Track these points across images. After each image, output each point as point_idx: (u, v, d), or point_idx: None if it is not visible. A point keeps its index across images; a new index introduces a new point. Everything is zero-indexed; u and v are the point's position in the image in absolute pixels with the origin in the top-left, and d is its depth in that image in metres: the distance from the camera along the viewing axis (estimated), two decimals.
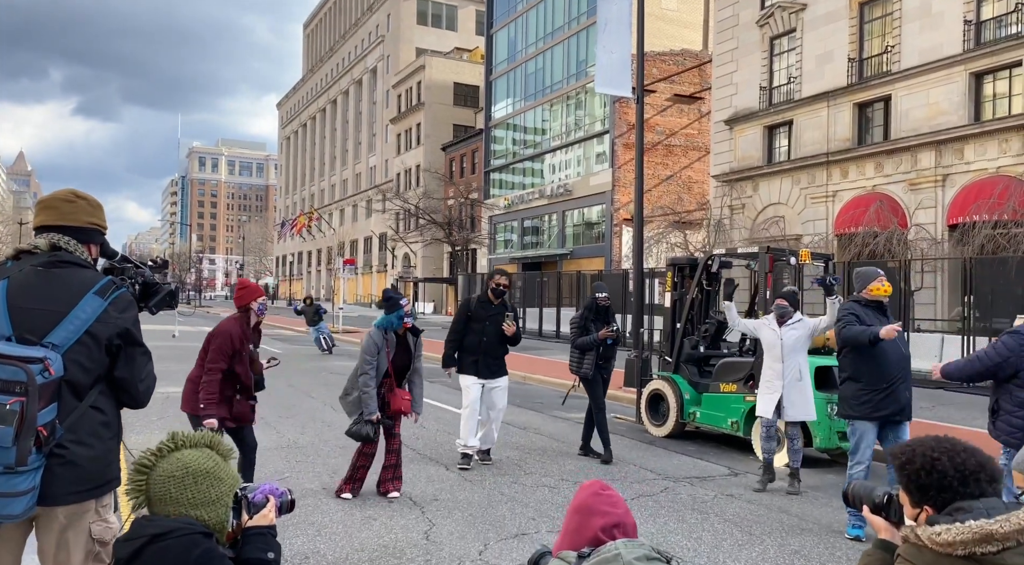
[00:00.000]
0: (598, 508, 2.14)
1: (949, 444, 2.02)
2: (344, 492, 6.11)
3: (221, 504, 2.07)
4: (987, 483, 1.96)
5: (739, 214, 27.21)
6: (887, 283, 5.56)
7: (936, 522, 1.91)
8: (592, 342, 7.83)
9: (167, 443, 2.10)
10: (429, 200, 45.69)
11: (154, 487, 2.01)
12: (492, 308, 7.35)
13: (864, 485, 2.22)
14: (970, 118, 20.44)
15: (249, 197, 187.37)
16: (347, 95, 76.82)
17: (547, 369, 16.26)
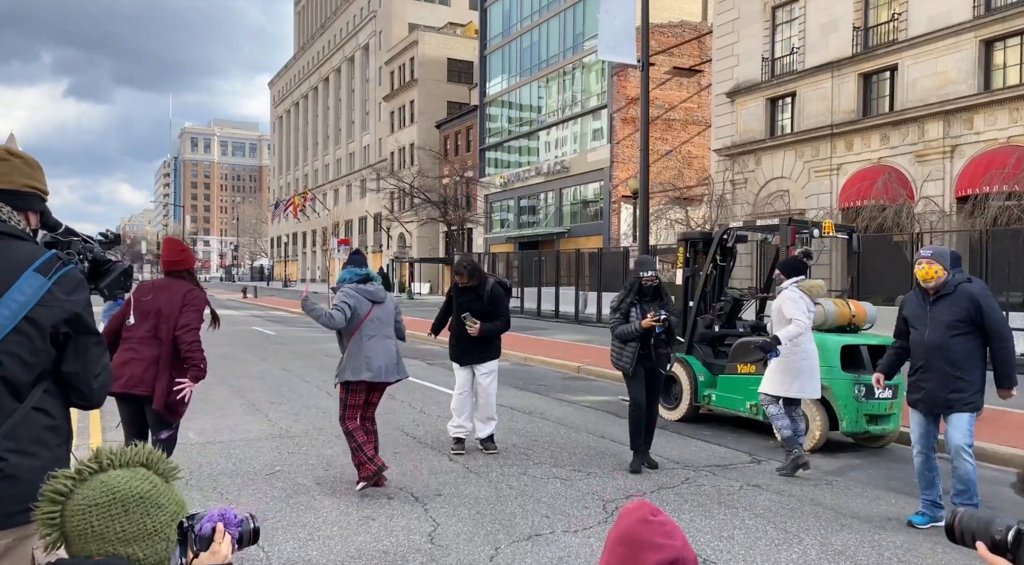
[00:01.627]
0: (650, 540, 1.63)
1: None
2: (360, 482, 5.72)
3: (160, 537, 1.58)
4: None
5: (741, 189, 26.65)
6: (923, 267, 4.99)
7: None
8: (634, 333, 6.38)
9: (89, 464, 1.59)
10: (424, 179, 44.99)
11: (72, 520, 1.53)
12: (467, 293, 6.93)
13: (977, 517, 1.69)
14: (980, 87, 19.86)
15: (242, 178, 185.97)
16: (339, 73, 75.65)
17: (548, 350, 15.80)
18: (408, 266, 52.76)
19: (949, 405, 4.95)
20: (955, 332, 4.89)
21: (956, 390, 4.90)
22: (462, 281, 6.90)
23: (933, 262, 4.96)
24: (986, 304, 4.87)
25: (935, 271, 4.95)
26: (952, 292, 4.94)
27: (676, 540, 1.61)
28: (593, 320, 24.59)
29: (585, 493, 5.73)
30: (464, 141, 50.90)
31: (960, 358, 4.89)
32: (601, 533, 4.83)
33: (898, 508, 5.52)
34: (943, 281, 4.97)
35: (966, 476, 4.91)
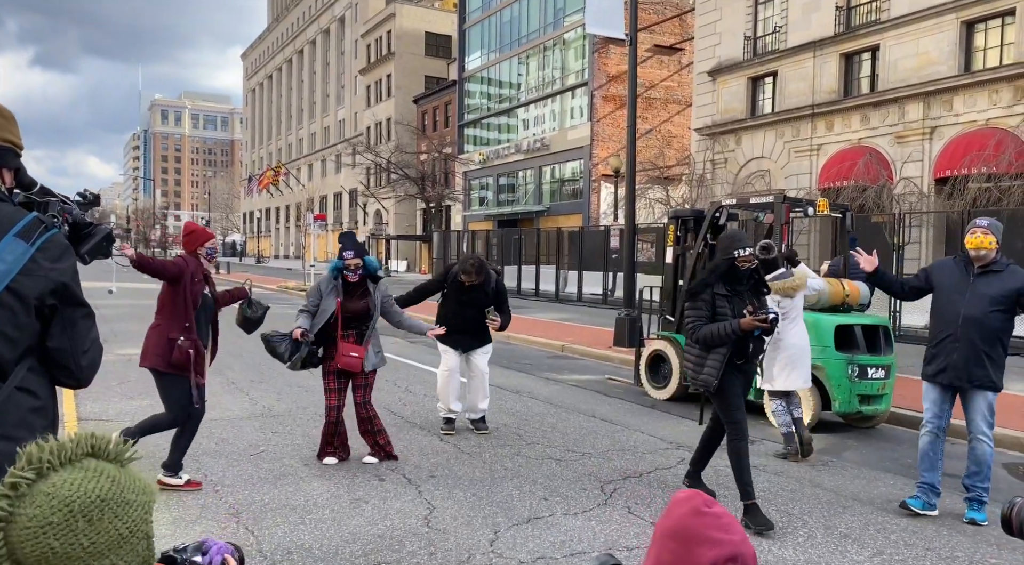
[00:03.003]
0: (706, 534, 1.47)
1: None
2: (324, 456, 5.78)
3: (138, 538, 1.24)
4: None
5: (721, 168, 26.63)
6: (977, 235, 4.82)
7: None
8: (729, 335, 4.61)
9: (23, 473, 1.19)
10: (401, 154, 44.35)
11: (24, 547, 1.16)
12: (470, 292, 6.70)
13: (1016, 502, 1.58)
14: (960, 69, 19.93)
15: (214, 152, 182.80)
16: (314, 45, 74.22)
17: (531, 328, 15.69)
18: (385, 243, 52.25)
19: (972, 379, 4.80)
20: (996, 307, 4.75)
21: (982, 366, 4.78)
22: (470, 280, 6.62)
23: (989, 232, 4.78)
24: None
25: (990, 242, 4.77)
26: (1003, 270, 4.79)
27: (734, 534, 1.46)
28: (574, 299, 24.52)
29: (581, 474, 5.62)
30: (442, 117, 50.27)
31: (994, 335, 4.76)
32: (601, 515, 4.73)
33: (896, 489, 5.49)
34: (994, 256, 4.82)
35: (982, 458, 4.83)
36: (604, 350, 12.50)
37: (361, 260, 5.65)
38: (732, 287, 4.81)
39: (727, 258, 4.80)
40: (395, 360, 11.19)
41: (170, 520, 4.51)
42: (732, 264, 4.80)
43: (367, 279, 5.73)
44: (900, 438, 7.20)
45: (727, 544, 1.43)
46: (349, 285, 5.71)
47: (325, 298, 5.71)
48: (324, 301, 5.71)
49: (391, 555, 4.04)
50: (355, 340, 5.72)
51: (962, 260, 4.94)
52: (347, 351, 5.66)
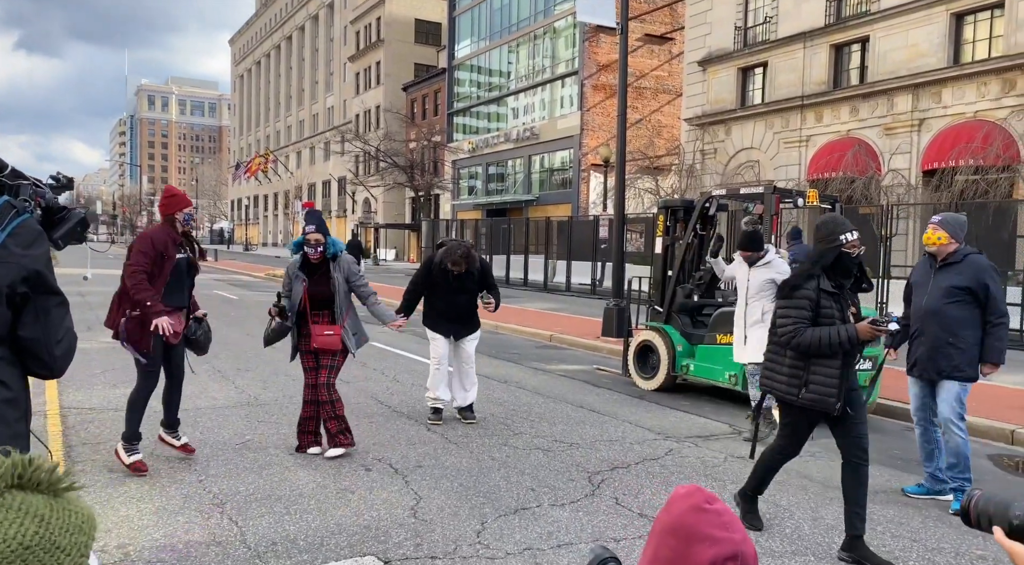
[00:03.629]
0: (705, 532, 1.43)
1: None
2: (301, 448, 5.75)
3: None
4: None
5: (711, 159, 26.62)
6: (928, 231, 4.94)
7: None
8: (844, 342, 3.92)
9: None
10: (390, 142, 44.11)
11: None
12: (458, 277, 6.64)
13: (995, 499, 1.54)
14: (949, 61, 19.96)
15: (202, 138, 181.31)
16: (303, 31, 73.56)
17: (519, 318, 15.66)
18: (373, 232, 52.04)
19: (939, 371, 4.90)
20: (952, 298, 4.83)
21: (947, 356, 4.85)
22: (459, 269, 6.58)
23: (939, 228, 4.89)
24: (990, 277, 4.82)
25: (938, 237, 4.87)
26: (960, 261, 4.86)
27: (735, 532, 1.43)
28: (562, 289, 24.51)
29: (569, 465, 5.60)
30: (432, 105, 49.99)
31: (954, 324, 4.82)
32: (588, 506, 4.71)
33: (883, 481, 5.50)
34: (952, 249, 4.88)
35: (955, 449, 4.88)
36: (592, 340, 12.49)
37: (323, 236, 5.58)
38: (838, 282, 4.07)
39: (832, 246, 4.00)
40: (383, 349, 11.14)
41: (152, 510, 4.45)
42: (840, 253, 4.01)
43: (329, 260, 5.65)
44: (887, 429, 7.22)
45: (727, 542, 1.39)
46: (313, 268, 5.67)
47: (293, 282, 5.71)
48: (293, 286, 5.71)
49: (377, 546, 4.00)
50: (328, 321, 5.68)
51: (929, 256, 5.02)
52: (320, 331, 5.65)
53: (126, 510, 4.44)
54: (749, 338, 6.66)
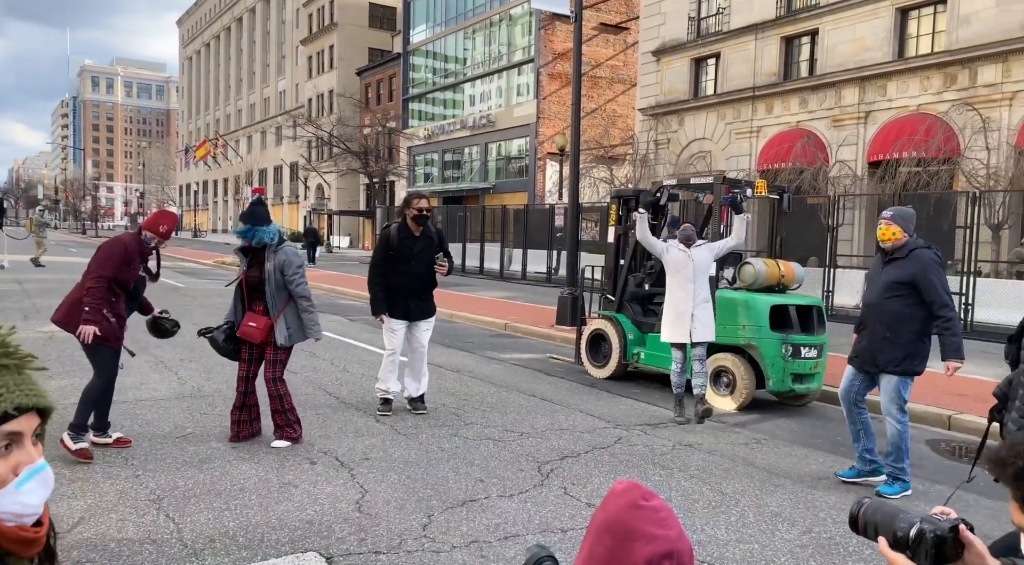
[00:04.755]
0: (641, 529, 1.40)
1: None
2: (231, 439, 5.70)
3: None
4: None
5: (664, 149, 26.84)
6: (880, 226, 4.95)
7: None
8: None
9: None
10: (344, 128, 43.38)
11: None
12: (417, 242, 6.50)
13: (883, 509, 1.54)
14: (894, 55, 20.42)
15: (149, 121, 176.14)
16: (253, 13, 71.77)
17: (474, 306, 15.59)
18: (327, 218, 51.28)
19: (877, 364, 4.98)
20: (892, 293, 4.88)
21: (883, 350, 4.92)
22: (425, 204, 6.51)
23: (891, 223, 4.88)
24: (931, 270, 4.79)
25: (892, 232, 4.88)
26: (904, 256, 4.88)
27: (671, 529, 1.39)
28: (518, 277, 24.49)
29: (519, 454, 5.57)
30: (386, 90, 49.32)
31: (891, 319, 4.87)
32: (537, 497, 4.69)
33: (826, 466, 5.61)
34: (901, 243, 4.90)
35: (893, 439, 4.97)
36: (547, 329, 12.50)
37: (242, 220, 5.53)
38: None
39: None
40: (334, 338, 10.96)
41: (84, 508, 4.28)
42: None
43: (263, 248, 5.57)
44: (831, 416, 7.37)
45: (663, 540, 1.36)
46: (254, 254, 5.61)
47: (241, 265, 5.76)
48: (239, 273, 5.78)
49: (319, 541, 3.91)
50: (263, 312, 5.59)
51: (881, 250, 5.07)
52: (248, 320, 5.58)
53: (55, 508, 4.26)
54: (700, 317, 6.66)
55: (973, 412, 7.04)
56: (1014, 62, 17.64)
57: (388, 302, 6.59)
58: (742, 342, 7.35)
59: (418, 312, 6.66)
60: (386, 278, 6.56)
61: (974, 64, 18.39)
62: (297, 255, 5.67)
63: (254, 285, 5.58)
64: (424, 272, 6.54)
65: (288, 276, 5.54)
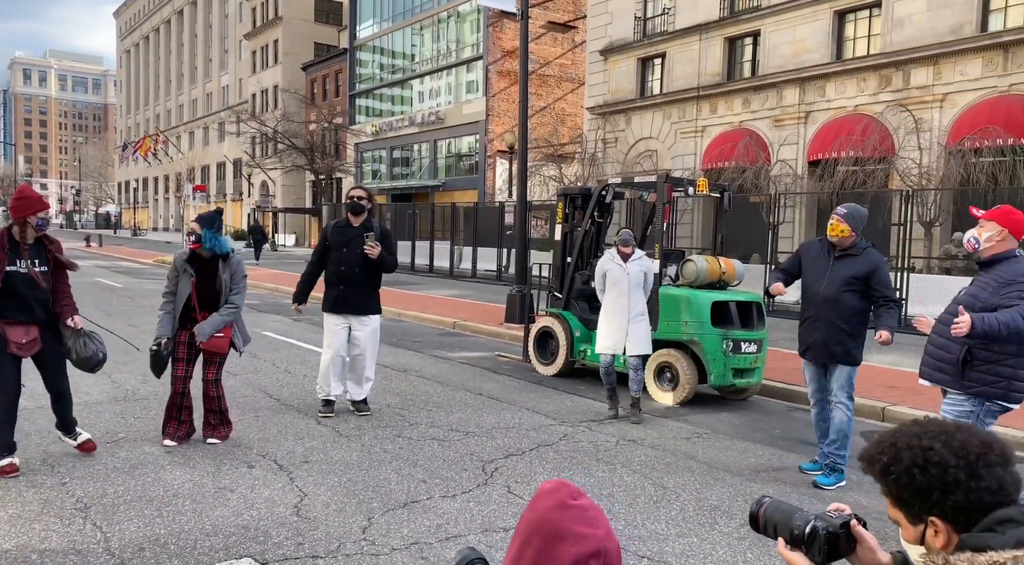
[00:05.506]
0: (569, 528, 1.39)
1: (936, 426, 1.45)
2: (165, 438, 5.53)
3: None
4: (1002, 467, 1.39)
5: (612, 148, 27.08)
6: (833, 223, 5.07)
7: (981, 547, 1.32)
8: None
9: None
10: (289, 124, 42.62)
11: None
12: (351, 231, 6.37)
13: (781, 508, 1.58)
14: (832, 56, 20.97)
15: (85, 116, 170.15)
16: (195, 6, 69.93)
17: (423, 305, 15.48)
18: (272, 216, 50.32)
19: (833, 356, 5.11)
20: (850, 287, 5.03)
21: (841, 343, 5.06)
22: (361, 194, 6.42)
23: (844, 220, 5.02)
24: (881, 265, 5.08)
25: (841, 230, 5.02)
26: (859, 253, 5.05)
27: (598, 528, 1.38)
28: (468, 275, 24.41)
29: (463, 454, 5.53)
30: (333, 86, 48.61)
31: (849, 312, 5.03)
32: (480, 496, 4.66)
33: (765, 459, 5.72)
34: (851, 241, 5.07)
35: (840, 426, 5.12)
36: (496, 327, 12.48)
37: (198, 227, 5.36)
38: None
39: None
40: (276, 339, 10.75)
41: (6, 518, 4.09)
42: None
43: (218, 258, 5.47)
44: (771, 410, 7.53)
45: (590, 539, 1.35)
46: (203, 264, 5.46)
47: (180, 277, 5.48)
48: (180, 280, 5.49)
49: (255, 547, 3.81)
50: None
51: (826, 243, 5.20)
52: (216, 333, 5.50)
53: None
54: (634, 331, 6.75)
55: (905, 404, 7.27)
56: (944, 65, 18.30)
57: (326, 295, 6.50)
58: (684, 338, 7.45)
59: (348, 306, 6.40)
60: (318, 271, 6.50)
61: (907, 66, 19.02)
62: (243, 265, 5.61)
63: (210, 296, 5.45)
64: (356, 261, 6.33)
65: (233, 283, 5.49)
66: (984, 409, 4.08)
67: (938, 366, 4.16)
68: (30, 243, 4.83)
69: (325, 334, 6.57)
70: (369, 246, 6.21)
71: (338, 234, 6.42)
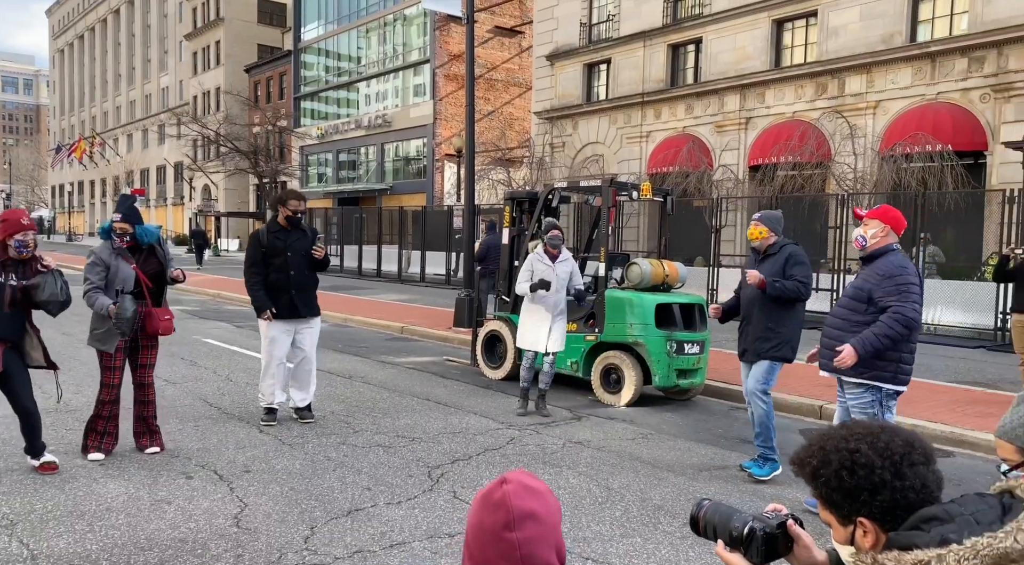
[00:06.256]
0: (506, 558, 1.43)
1: (862, 428, 1.49)
2: (90, 451, 5.29)
3: None
4: (925, 466, 1.44)
5: (560, 152, 27.28)
6: (750, 227, 5.30)
7: (907, 545, 1.37)
8: None
9: None
10: (231, 126, 41.71)
11: None
12: (290, 234, 6.31)
13: (720, 510, 1.62)
14: (771, 64, 21.55)
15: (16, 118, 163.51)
16: (132, 5, 67.95)
17: (370, 310, 15.31)
18: (214, 220, 49.19)
19: (758, 353, 5.27)
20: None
21: (765, 339, 5.22)
22: (297, 206, 6.31)
23: (759, 223, 5.29)
24: (794, 257, 5.20)
25: (759, 232, 5.27)
26: (776, 252, 5.26)
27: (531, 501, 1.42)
28: (417, 279, 24.26)
29: (409, 460, 5.48)
30: (277, 88, 47.80)
31: (772, 309, 5.19)
32: (425, 503, 4.62)
33: (707, 458, 5.82)
34: (770, 242, 5.26)
35: (759, 419, 5.28)
36: (444, 331, 12.43)
37: (130, 226, 5.23)
38: None
39: None
40: (217, 346, 10.51)
41: None
42: None
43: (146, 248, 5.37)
44: (713, 409, 7.68)
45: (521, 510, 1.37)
46: (133, 250, 5.33)
47: (116, 266, 5.19)
48: (117, 270, 5.19)
49: (192, 560, 3.71)
50: (154, 304, 5.35)
51: (755, 251, 5.42)
52: (161, 315, 5.33)
53: None
54: (557, 329, 7.00)
55: None
56: (876, 73, 18.98)
57: (271, 301, 6.35)
58: (630, 340, 7.54)
59: (303, 307, 6.37)
60: (264, 277, 6.33)
61: (842, 74, 19.66)
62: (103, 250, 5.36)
63: (154, 278, 5.34)
64: (302, 263, 6.31)
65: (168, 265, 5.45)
66: (883, 395, 4.35)
67: (833, 357, 4.36)
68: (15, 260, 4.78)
69: (266, 342, 6.43)
70: (318, 247, 6.31)
71: (277, 239, 6.31)
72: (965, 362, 10.40)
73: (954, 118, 17.26)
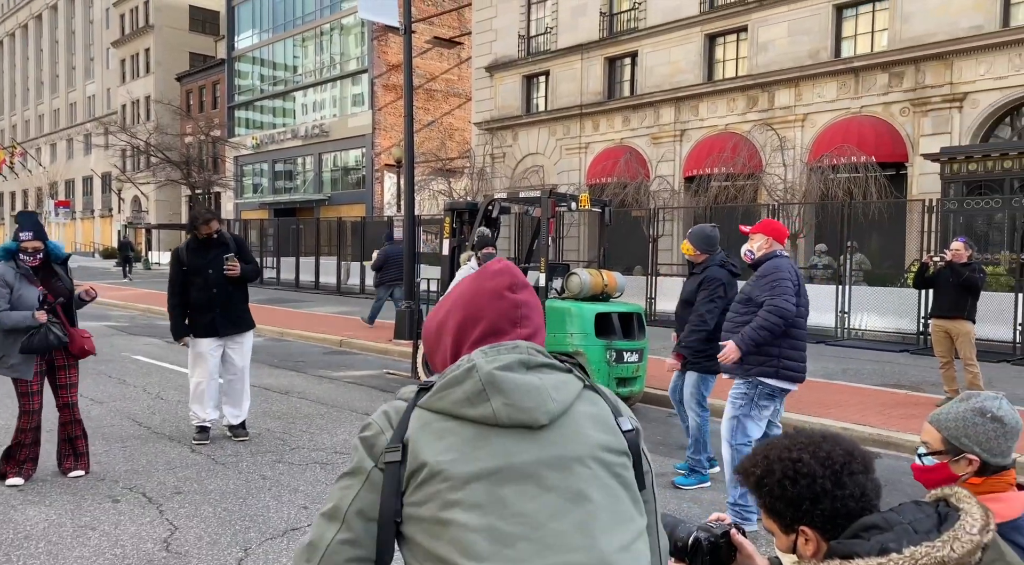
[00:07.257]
0: (495, 323, 1.42)
1: (804, 437, 1.54)
2: (9, 477, 5.06)
3: None
4: (864, 475, 1.49)
5: (500, 163, 27.38)
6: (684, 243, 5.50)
7: (848, 554, 1.41)
8: None
9: None
10: (162, 136, 40.54)
11: None
12: (211, 251, 6.13)
13: (665, 521, 1.65)
14: (704, 77, 22.12)
15: None
16: (55, 11, 65.48)
17: (307, 323, 15.02)
18: (144, 232, 47.61)
19: (684, 363, 5.44)
20: (690, 299, 5.43)
21: (689, 352, 5.36)
22: (210, 229, 6.10)
23: (687, 240, 5.51)
24: (707, 286, 5.31)
25: (686, 249, 5.50)
26: (700, 272, 5.45)
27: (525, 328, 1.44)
28: (356, 291, 23.94)
29: None
30: (210, 97, 46.69)
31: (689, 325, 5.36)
32: None
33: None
34: (699, 260, 5.46)
35: (693, 431, 5.40)
36: (384, 344, 12.28)
37: (42, 243, 5.08)
38: None
39: None
40: (147, 363, 10.15)
41: None
42: None
43: (54, 264, 5.23)
44: (652, 417, 7.78)
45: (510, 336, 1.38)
46: (37, 271, 5.13)
47: (19, 289, 4.99)
48: (21, 292, 4.99)
49: None
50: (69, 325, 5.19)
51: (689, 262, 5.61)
52: (82, 334, 5.21)
53: None
54: None
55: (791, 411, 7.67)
56: (804, 87, 19.68)
57: (193, 320, 6.17)
58: (571, 349, 7.58)
59: (229, 325, 6.19)
60: (184, 297, 6.14)
61: (771, 88, 20.32)
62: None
63: (67, 299, 5.20)
64: (225, 280, 6.13)
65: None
66: (758, 392, 4.52)
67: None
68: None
69: (194, 359, 6.24)
70: (230, 266, 6.08)
71: (196, 257, 6.13)
72: (890, 366, 10.83)
73: (877, 131, 18.02)
